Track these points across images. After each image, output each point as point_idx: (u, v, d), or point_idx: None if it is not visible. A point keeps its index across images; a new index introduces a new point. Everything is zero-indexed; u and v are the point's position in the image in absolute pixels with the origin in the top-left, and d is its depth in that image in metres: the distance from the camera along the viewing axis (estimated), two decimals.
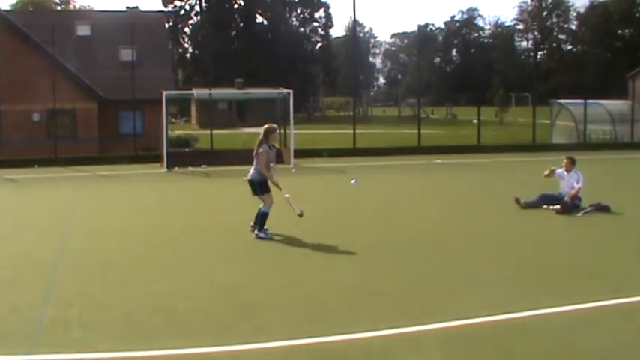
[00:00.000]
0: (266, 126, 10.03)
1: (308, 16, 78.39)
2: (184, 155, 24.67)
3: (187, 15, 73.67)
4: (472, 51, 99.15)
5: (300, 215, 9.93)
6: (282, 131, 26.09)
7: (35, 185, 18.50)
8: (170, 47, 50.79)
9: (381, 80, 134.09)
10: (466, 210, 12.80)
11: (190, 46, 76.24)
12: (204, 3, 72.53)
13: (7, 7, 55.17)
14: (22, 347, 5.42)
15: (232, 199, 14.66)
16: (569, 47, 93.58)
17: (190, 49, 76.01)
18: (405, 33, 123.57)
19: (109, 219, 12.26)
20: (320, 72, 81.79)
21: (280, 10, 70.86)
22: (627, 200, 13.27)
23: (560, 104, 32.18)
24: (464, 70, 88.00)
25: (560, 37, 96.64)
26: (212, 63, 49.16)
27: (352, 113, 33.76)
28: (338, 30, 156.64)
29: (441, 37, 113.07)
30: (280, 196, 9.96)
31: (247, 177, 10.04)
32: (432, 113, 64.01)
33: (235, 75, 48.26)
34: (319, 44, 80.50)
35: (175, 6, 72.06)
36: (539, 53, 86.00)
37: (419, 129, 27.64)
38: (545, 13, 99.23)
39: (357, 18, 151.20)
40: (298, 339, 5.55)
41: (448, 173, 20.33)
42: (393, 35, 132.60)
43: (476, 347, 5.38)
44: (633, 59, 54.30)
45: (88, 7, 72.47)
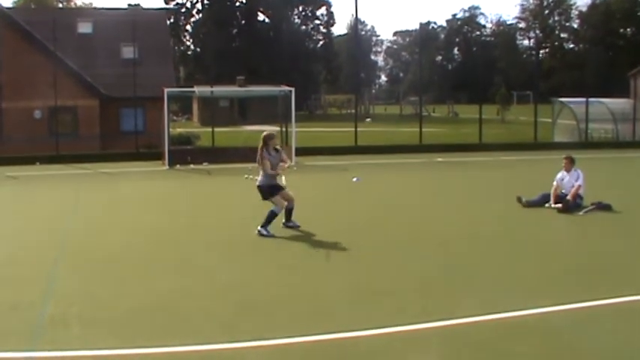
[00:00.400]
0: (265, 133, 10.26)
1: (310, 14, 78.27)
2: (186, 153, 24.69)
3: (189, 12, 73.53)
4: (474, 49, 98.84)
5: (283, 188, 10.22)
6: (283, 129, 26.16)
7: (36, 183, 18.51)
8: (171, 45, 50.73)
9: (383, 78, 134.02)
10: (467, 208, 12.78)
11: (192, 44, 76.21)
12: (205, 0, 72.43)
13: (9, 5, 55.14)
14: (23, 345, 5.42)
15: (234, 197, 14.67)
16: (571, 46, 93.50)
17: (192, 47, 75.97)
18: (407, 31, 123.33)
19: (110, 216, 12.27)
20: (322, 70, 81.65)
21: (282, 8, 70.72)
22: (629, 199, 13.27)
23: (561, 103, 32.15)
24: (465, 69, 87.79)
25: (562, 36, 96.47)
26: (214, 60, 49.13)
27: (354, 111, 33.78)
28: (340, 28, 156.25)
29: (443, 36, 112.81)
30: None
31: (257, 183, 10.15)
32: (434, 111, 63.85)
33: (237, 72, 48.16)
34: (321, 42, 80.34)
35: (177, 3, 71.92)
36: (541, 51, 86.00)
37: (420, 127, 27.62)
38: (547, 12, 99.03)
39: (359, 16, 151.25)
40: (300, 337, 5.55)
41: (449, 171, 20.30)
42: (395, 33, 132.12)
43: (476, 346, 5.38)
44: (635, 58, 54.11)
45: (90, 5, 72.43)
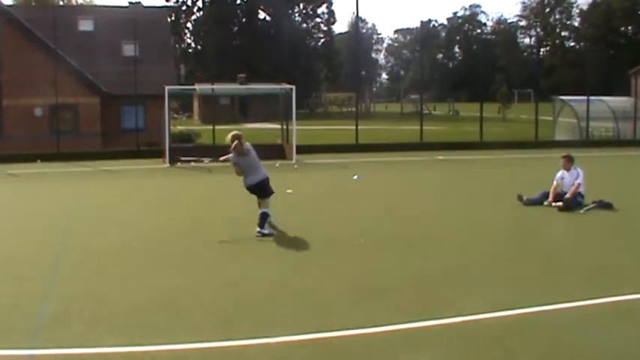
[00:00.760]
0: (233, 134, 9.89)
1: (310, 12, 78.31)
2: (186, 150, 24.68)
3: (190, 10, 73.54)
4: (475, 47, 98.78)
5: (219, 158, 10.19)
6: (284, 127, 26.17)
7: (37, 180, 18.53)
8: (172, 42, 50.73)
9: (384, 76, 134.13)
10: (468, 206, 12.79)
11: (193, 42, 76.23)
12: None
13: (10, 2, 54.95)
14: (24, 342, 5.43)
15: (234, 195, 14.64)
16: (571, 44, 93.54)
17: (193, 45, 75.99)
18: (408, 29, 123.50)
19: (111, 214, 12.28)
20: (322, 68, 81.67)
21: (283, 6, 70.71)
22: (630, 197, 13.28)
23: (562, 101, 32.15)
24: (466, 67, 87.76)
25: (563, 34, 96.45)
26: (214, 58, 49.11)
27: (355, 109, 33.77)
28: (340, 26, 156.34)
29: (444, 34, 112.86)
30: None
31: (255, 182, 9.81)
32: (435, 109, 63.89)
33: (238, 70, 48.13)
34: (322, 40, 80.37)
35: (177, 1, 71.91)
36: (541, 50, 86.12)
37: (421, 125, 27.63)
38: (547, 10, 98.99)
39: (360, 14, 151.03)
40: (300, 334, 5.55)
41: (450, 169, 20.30)
42: (396, 31, 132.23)
43: (477, 344, 5.38)
44: (636, 56, 54.13)
45: (91, 2, 72.35)
